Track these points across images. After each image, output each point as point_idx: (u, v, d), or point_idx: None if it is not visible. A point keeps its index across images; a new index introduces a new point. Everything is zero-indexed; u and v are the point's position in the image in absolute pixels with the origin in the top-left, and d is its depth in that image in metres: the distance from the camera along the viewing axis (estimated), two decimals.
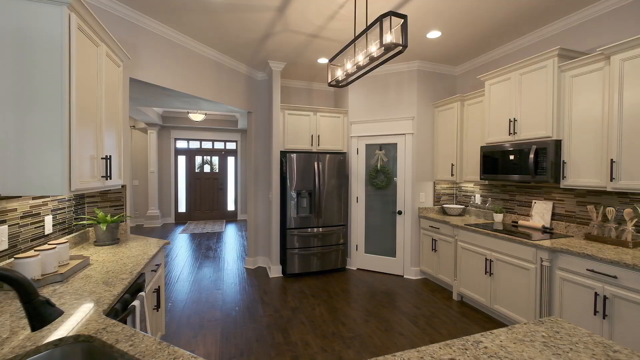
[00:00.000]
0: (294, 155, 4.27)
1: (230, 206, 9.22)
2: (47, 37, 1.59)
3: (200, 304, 3.40)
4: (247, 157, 5.87)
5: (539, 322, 1.20)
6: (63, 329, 1.11)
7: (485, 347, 1.02)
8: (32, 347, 1.01)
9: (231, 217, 9.24)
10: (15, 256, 1.53)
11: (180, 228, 7.80)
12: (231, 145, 9.16)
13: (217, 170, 9.03)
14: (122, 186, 2.71)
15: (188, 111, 6.90)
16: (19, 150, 1.56)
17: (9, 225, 1.65)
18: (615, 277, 2.04)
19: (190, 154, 8.75)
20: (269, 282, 4.08)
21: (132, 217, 2.82)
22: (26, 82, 1.57)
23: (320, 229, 4.42)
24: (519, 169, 2.96)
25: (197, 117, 6.87)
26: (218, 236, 6.94)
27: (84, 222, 2.31)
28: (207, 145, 8.91)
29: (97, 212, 2.38)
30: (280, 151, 4.42)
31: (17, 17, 1.55)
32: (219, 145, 9.03)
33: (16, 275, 0.67)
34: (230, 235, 7.03)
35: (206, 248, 5.88)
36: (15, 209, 1.71)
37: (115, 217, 2.42)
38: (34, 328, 0.71)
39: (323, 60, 4.10)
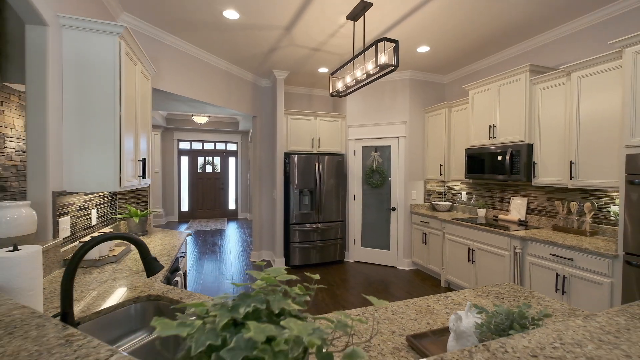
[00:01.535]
0: (295, 157, 4.64)
1: (232, 205, 9.55)
2: (102, 60, 1.94)
3: (213, 292, 3.75)
4: (251, 158, 6.21)
5: (495, 285, 1.58)
6: (137, 291, 1.47)
7: (453, 299, 1.40)
8: (119, 301, 1.36)
9: (232, 216, 9.57)
10: (80, 241, 1.87)
11: (184, 226, 8.11)
12: (232, 146, 9.49)
13: (218, 171, 9.36)
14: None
15: (192, 114, 7.22)
16: (81, 153, 1.91)
17: (70, 217, 2.00)
18: (571, 259, 2.45)
19: (192, 154, 9.06)
20: None
21: (155, 212, 3.16)
22: (85, 97, 1.92)
23: (320, 225, 4.79)
24: (497, 169, 3.36)
25: (201, 119, 7.20)
26: (221, 233, 7.27)
27: (119, 215, 2.65)
28: (209, 146, 9.23)
29: (129, 208, 2.72)
30: (284, 153, 4.78)
31: (79, 45, 1.90)
32: (220, 146, 9.35)
33: (140, 239, 1.03)
34: (233, 233, 7.37)
35: (212, 244, 6.22)
36: (74, 203, 2.05)
37: (144, 212, 2.76)
38: (148, 275, 1.06)
39: (323, 70, 4.47)
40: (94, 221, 2.34)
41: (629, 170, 2.12)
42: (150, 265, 1.06)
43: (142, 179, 2.44)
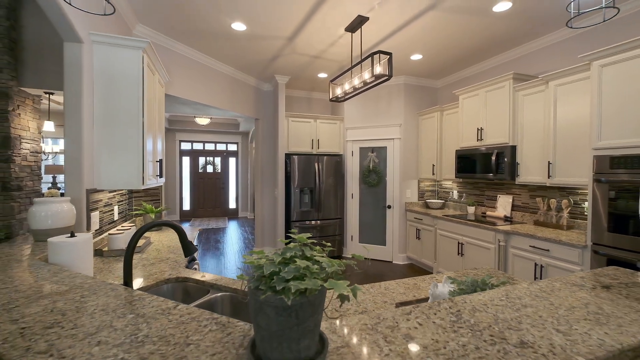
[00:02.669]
0: (296, 157, 4.88)
1: (232, 204, 9.77)
2: (127, 72, 2.17)
3: None
4: (252, 158, 6.44)
5: (474, 268, 1.84)
6: (166, 275, 1.71)
7: (436, 279, 1.65)
8: (154, 282, 1.60)
9: (232, 215, 9.79)
10: (109, 232, 2.11)
11: (186, 224, 8.32)
12: (232, 147, 9.71)
13: (219, 170, 9.58)
14: None
15: (195, 116, 7.43)
16: (109, 155, 2.14)
17: (98, 212, 2.23)
18: (548, 250, 2.71)
19: (194, 155, 9.28)
20: None
21: (169, 209, 3.40)
22: (112, 105, 2.15)
23: (319, 222, 5.04)
24: (485, 169, 3.62)
25: (203, 121, 7.42)
26: (223, 231, 7.50)
27: (135, 212, 2.88)
28: (210, 147, 9.45)
29: (145, 205, 2.95)
30: (285, 153, 5.02)
31: (107, 59, 2.13)
32: (221, 147, 9.57)
33: (180, 226, 1.27)
34: (234, 231, 7.60)
35: (214, 241, 6.45)
36: (101, 200, 2.29)
37: (158, 209, 3.00)
38: (185, 255, 1.31)
39: (323, 75, 4.72)
40: (115, 216, 2.57)
41: (596, 170, 2.39)
42: (188, 247, 1.31)
43: (159, 178, 2.67)
